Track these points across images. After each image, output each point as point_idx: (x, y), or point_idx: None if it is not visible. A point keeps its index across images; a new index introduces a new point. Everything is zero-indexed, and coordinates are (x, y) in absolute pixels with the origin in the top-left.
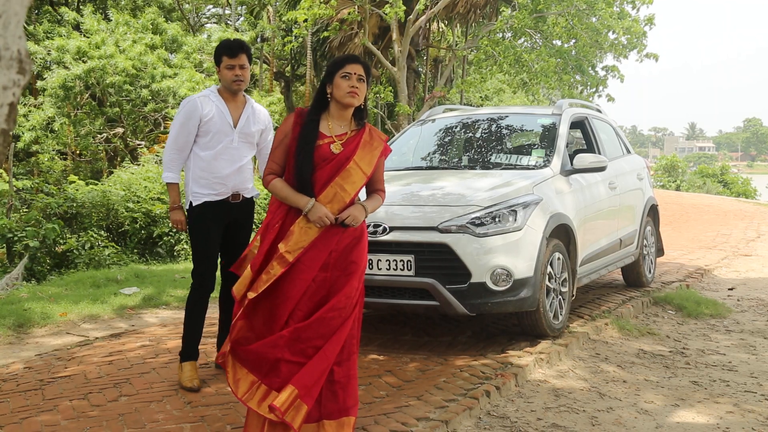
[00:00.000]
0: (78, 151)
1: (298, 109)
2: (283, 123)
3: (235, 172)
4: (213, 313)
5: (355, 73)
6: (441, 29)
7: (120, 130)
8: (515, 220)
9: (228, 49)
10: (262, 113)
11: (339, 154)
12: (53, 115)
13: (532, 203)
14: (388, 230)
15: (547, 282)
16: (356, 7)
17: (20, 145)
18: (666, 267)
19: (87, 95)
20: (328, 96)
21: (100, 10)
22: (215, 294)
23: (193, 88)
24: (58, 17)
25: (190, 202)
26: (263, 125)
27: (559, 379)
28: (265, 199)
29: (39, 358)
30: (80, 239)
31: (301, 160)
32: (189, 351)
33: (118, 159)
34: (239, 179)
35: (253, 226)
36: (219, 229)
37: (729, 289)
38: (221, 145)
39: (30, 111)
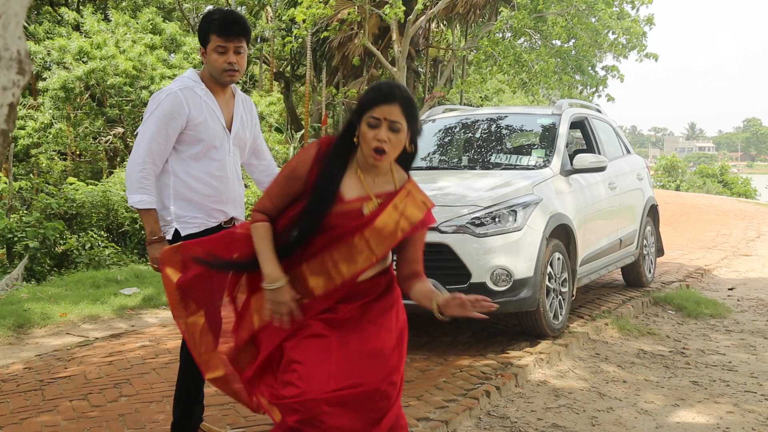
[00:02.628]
0: (78, 152)
1: (324, 139)
2: (300, 156)
3: (235, 191)
4: None
5: (386, 119)
6: (441, 29)
7: (120, 130)
8: (515, 220)
9: (220, 26)
10: (253, 110)
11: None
12: (50, 120)
13: (532, 203)
14: None
15: (547, 282)
16: (356, 7)
17: (18, 148)
18: (666, 267)
19: (87, 96)
20: (355, 141)
21: (100, 11)
22: None
23: None
24: (58, 17)
25: (176, 231)
26: (254, 127)
27: (559, 379)
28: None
29: (39, 358)
30: (80, 239)
31: (306, 226)
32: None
33: (118, 159)
34: (239, 201)
35: None
36: None
37: (729, 289)
38: (217, 158)
39: (28, 114)
